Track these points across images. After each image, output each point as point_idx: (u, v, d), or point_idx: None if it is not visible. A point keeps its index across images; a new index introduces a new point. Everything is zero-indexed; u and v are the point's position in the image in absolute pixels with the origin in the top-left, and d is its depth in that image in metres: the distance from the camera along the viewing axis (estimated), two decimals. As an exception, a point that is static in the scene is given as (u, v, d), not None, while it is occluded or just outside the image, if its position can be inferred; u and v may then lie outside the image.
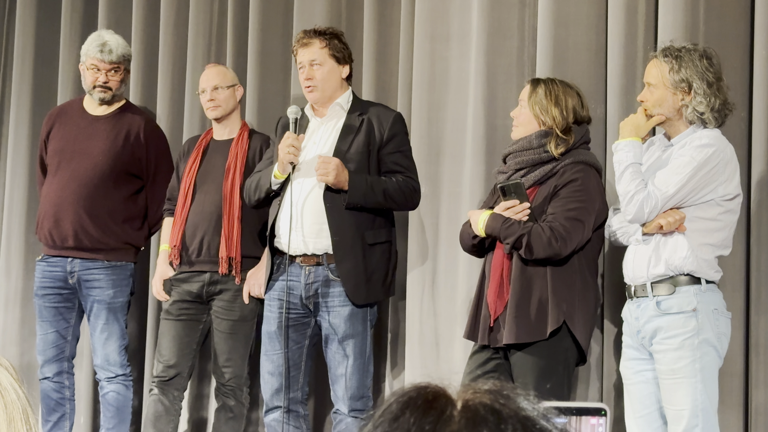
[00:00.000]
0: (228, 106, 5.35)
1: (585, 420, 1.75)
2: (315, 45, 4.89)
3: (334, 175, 4.67)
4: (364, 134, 4.84)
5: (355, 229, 4.77)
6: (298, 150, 4.77)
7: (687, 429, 4.05)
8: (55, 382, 5.53)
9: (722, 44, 4.54)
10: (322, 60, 4.89)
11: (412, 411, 1.29)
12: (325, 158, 4.70)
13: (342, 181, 4.70)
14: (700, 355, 4.06)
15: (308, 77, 4.88)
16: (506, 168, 4.48)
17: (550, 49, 4.87)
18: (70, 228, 5.44)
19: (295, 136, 4.79)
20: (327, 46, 4.90)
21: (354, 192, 4.72)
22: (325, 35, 4.92)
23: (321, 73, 4.88)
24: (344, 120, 4.89)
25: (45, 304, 5.52)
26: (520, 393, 1.33)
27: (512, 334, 4.28)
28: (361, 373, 4.81)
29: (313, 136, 4.90)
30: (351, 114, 4.90)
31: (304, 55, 4.91)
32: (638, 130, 4.22)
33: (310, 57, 4.89)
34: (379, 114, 4.88)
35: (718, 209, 4.14)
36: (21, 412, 1.75)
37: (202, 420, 5.73)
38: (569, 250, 4.29)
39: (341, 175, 4.70)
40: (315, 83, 4.88)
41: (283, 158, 4.77)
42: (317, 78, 4.88)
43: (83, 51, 5.58)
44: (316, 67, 4.88)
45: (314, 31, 4.93)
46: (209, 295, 5.23)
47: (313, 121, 4.95)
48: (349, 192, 4.71)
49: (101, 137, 5.53)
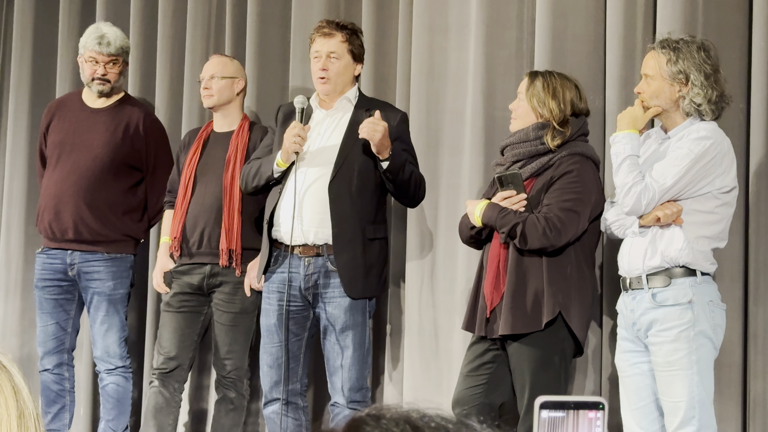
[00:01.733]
0: (222, 96, 5.33)
1: (583, 414, 1.75)
2: (336, 38, 4.88)
3: (381, 135, 4.64)
4: None
5: (357, 222, 4.76)
6: (304, 140, 4.76)
7: (683, 421, 4.06)
8: (55, 374, 5.55)
9: (721, 35, 4.54)
10: (340, 54, 4.88)
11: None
12: (374, 119, 4.67)
13: (384, 147, 4.68)
14: (696, 347, 4.07)
15: (324, 68, 4.86)
16: (504, 160, 4.49)
17: (549, 41, 4.87)
18: (70, 220, 5.45)
19: (301, 126, 4.78)
20: (347, 41, 4.89)
21: (396, 158, 4.70)
22: (347, 29, 4.90)
23: (337, 67, 4.87)
24: (351, 115, 4.88)
25: (45, 296, 5.53)
26: None
27: (508, 325, 4.29)
28: (360, 364, 4.81)
29: (318, 127, 4.89)
30: (358, 109, 4.89)
31: (323, 45, 4.88)
32: (635, 122, 4.22)
33: (329, 48, 4.87)
34: (387, 113, 4.86)
35: (714, 202, 4.14)
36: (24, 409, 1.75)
37: (203, 411, 5.74)
38: (564, 241, 4.29)
39: (386, 139, 4.68)
40: (329, 75, 4.86)
41: (289, 147, 4.75)
42: (332, 70, 4.87)
43: (81, 43, 5.58)
44: (333, 60, 4.87)
45: (337, 24, 4.91)
46: (210, 287, 5.23)
47: (319, 112, 4.94)
48: (392, 156, 4.69)
49: (101, 130, 5.54)
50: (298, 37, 5.59)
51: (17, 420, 1.73)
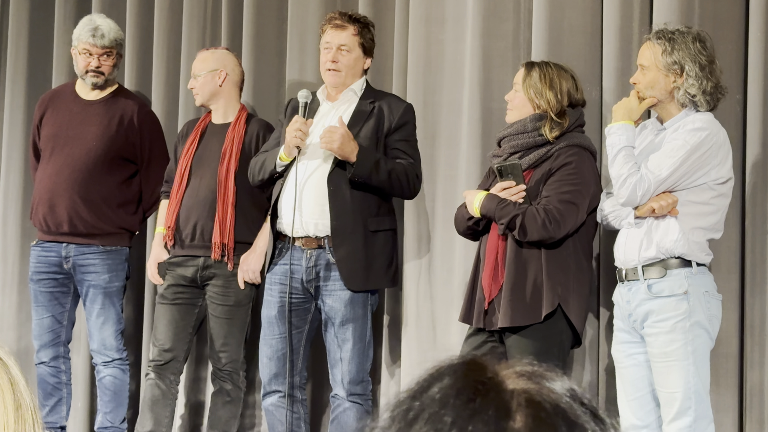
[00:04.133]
0: (205, 92, 5.30)
1: None
2: (349, 30, 4.85)
3: (339, 144, 4.62)
4: (374, 121, 4.81)
5: (357, 215, 4.74)
6: (305, 135, 4.74)
7: (680, 411, 4.07)
8: (51, 367, 5.54)
9: (717, 26, 4.54)
10: (351, 47, 4.85)
11: (462, 404, 1.17)
12: (332, 127, 4.65)
13: (348, 152, 4.65)
14: (692, 338, 4.07)
15: (334, 60, 4.84)
16: (501, 151, 4.48)
17: (546, 32, 4.87)
18: (65, 214, 5.44)
19: (303, 121, 4.76)
20: (359, 34, 4.86)
21: (361, 165, 4.66)
22: (359, 23, 4.88)
23: (347, 60, 4.85)
24: (355, 106, 4.87)
25: (40, 289, 5.53)
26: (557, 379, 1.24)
27: (507, 318, 4.28)
28: (361, 357, 4.80)
29: (323, 119, 4.87)
30: (363, 100, 4.87)
31: (334, 37, 4.85)
32: (631, 113, 4.22)
33: (340, 41, 4.84)
34: (391, 103, 4.86)
35: (710, 193, 4.14)
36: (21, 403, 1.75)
37: (200, 403, 5.74)
38: (563, 233, 4.29)
39: (347, 145, 4.64)
40: (339, 67, 4.84)
41: (290, 142, 4.74)
42: (342, 63, 4.84)
43: (75, 35, 5.56)
44: (344, 52, 4.84)
45: (350, 16, 4.89)
46: (203, 279, 5.23)
47: (325, 104, 4.92)
48: (356, 164, 4.66)
49: (94, 122, 5.52)
50: (294, 30, 5.57)
51: (14, 412, 1.73)
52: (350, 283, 4.74)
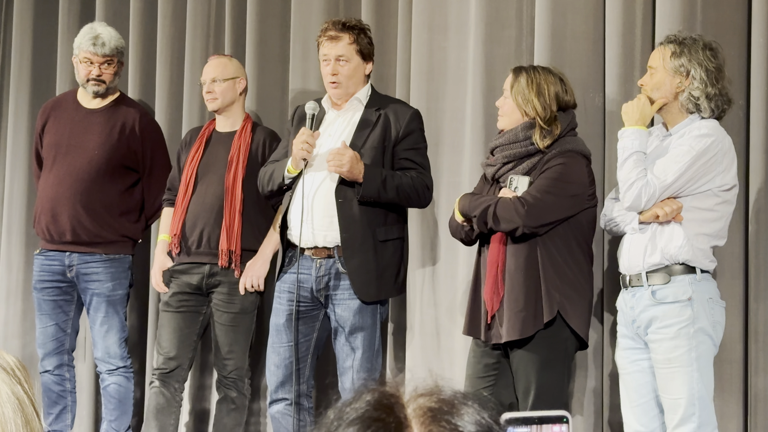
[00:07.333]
0: (226, 98, 5.32)
1: (547, 428, 1.73)
2: (344, 40, 4.80)
3: (348, 167, 4.61)
4: (380, 129, 4.78)
5: (366, 226, 4.71)
6: (312, 147, 4.71)
7: (684, 418, 4.06)
8: (55, 375, 5.55)
9: (720, 33, 4.54)
10: (349, 56, 4.80)
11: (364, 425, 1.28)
12: (340, 149, 4.62)
13: (356, 174, 4.63)
14: (695, 344, 4.07)
15: (334, 72, 4.79)
16: (494, 161, 4.45)
17: (549, 39, 4.87)
18: (68, 223, 5.44)
19: (310, 133, 4.72)
20: (355, 41, 4.80)
21: (369, 185, 4.65)
22: (354, 30, 4.81)
23: (347, 70, 4.80)
24: (361, 114, 4.84)
25: (44, 298, 5.53)
26: (470, 406, 1.30)
27: (512, 331, 4.27)
28: (370, 366, 4.80)
29: (329, 128, 4.84)
30: (368, 108, 4.83)
31: (331, 49, 4.80)
32: (644, 118, 4.22)
33: (337, 52, 4.79)
34: (397, 110, 4.83)
35: (715, 200, 4.15)
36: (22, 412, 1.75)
37: (204, 411, 5.74)
38: (540, 222, 4.25)
39: (356, 167, 4.62)
40: (340, 79, 4.79)
41: (297, 154, 4.71)
42: (342, 74, 4.79)
43: (76, 44, 5.56)
44: (342, 63, 4.79)
45: (343, 25, 4.82)
46: (209, 287, 5.23)
47: (330, 113, 4.89)
48: (364, 185, 4.64)
49: (96, 131, 5.53)
50: (297, 37, 5.58)
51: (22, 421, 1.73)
52: (362, 294, 4.72)
